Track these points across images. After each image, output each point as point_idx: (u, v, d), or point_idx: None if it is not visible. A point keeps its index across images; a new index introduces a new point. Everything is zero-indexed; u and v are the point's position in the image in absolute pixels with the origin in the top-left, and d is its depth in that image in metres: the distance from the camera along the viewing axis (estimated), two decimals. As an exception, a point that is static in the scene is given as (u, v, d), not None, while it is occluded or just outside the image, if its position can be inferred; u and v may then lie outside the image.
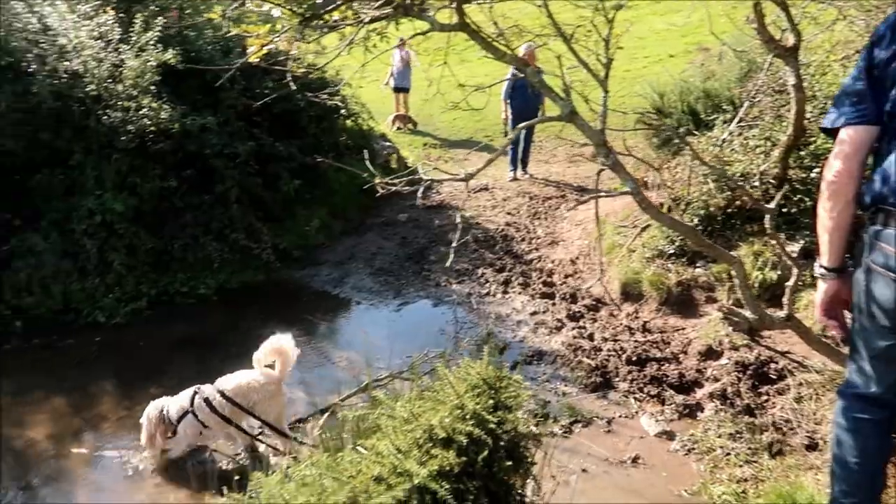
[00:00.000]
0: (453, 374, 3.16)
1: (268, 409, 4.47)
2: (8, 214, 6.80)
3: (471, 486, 2.77)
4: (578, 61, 3.44)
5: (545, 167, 11.02)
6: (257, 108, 8.27)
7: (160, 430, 4.53)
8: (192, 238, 7.38)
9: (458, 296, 7.08)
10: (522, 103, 9.76)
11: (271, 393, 4.47)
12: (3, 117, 6.62)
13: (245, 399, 4.45)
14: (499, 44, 3.38)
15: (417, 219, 9.08)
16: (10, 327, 6.38)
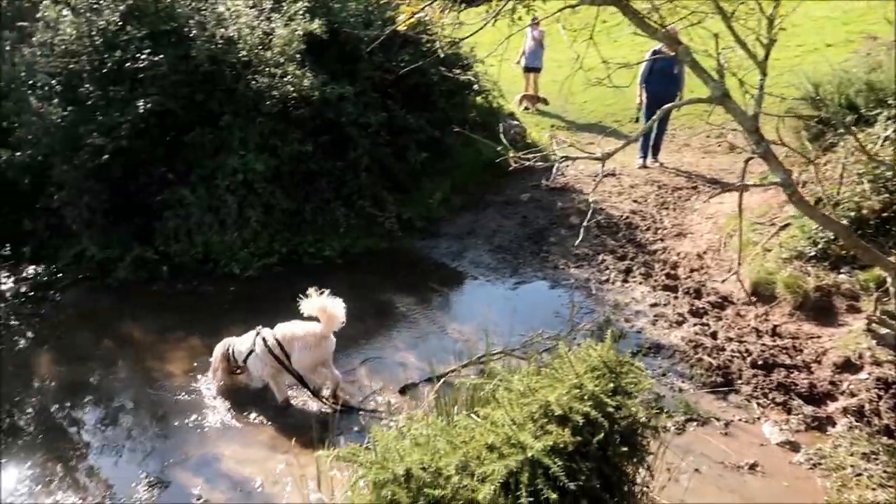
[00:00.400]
0: (573, 354, 3.13)
1: (303, 358, 4.85)
2: (164, 169, 7.39)
3: (583, 467, 2.75)
4: (736, 41, 3.24)
5: (677, 156, 10.56)
6: (392, 80, 8.51)
7: (223, 366, 5.07)
8: (322, 202, 7.72)
9: (575, 280, 6.97)
10: (659, 88, 9.36)
11: (309, 344, 4.82)
12: (165, 78, 7.18)
13: (288, 345, 4.86)
14: (650, 20, 3.25)
15: (539, 200, 8.99)
16: (158, 271, 6.98)
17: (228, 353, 5.05)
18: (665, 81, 9.33)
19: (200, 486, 4.14)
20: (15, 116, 7.07)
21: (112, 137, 6.93)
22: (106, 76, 7.30)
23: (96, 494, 4.04)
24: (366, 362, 5.52)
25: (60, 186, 7.02)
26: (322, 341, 4.86)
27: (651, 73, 9.49)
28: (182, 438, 4.61)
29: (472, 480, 2.72)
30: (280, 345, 4.86)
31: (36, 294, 6.44)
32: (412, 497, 2.68)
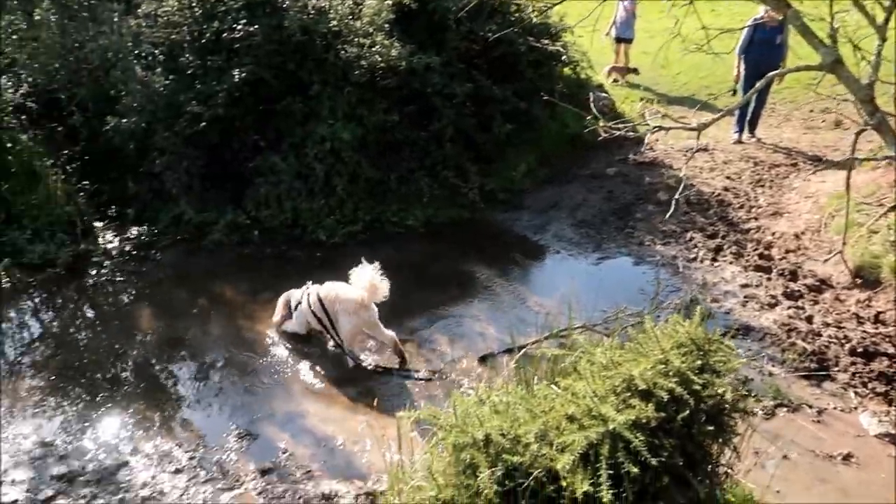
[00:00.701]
0: (659, 329, 3.05)
1: (343, 324, 5.06)
2: (256, 136, 7.64)
3: (666, 443, 2.69)
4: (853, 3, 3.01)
5: (776, 132, 10.00)
6: (479, 51, 8.43)
7: (283, 314, 5.43)
8: (407, 171, 7.78)
9: (662, 257, 6.78)
10: (760, 58, 8.84)
11: (348, 310, 5.00)
12: (259, 48, 7.38)
13: (331, 306, 5.07)
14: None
15: (626, 174, 8.75)
16: (249, 235, 7.25)
17: (288, 303, 5.39)
18: (766, 52, 8.82)
19: (286, 441, 4.33)
20: (122, 85, 7.45)
21: (209, 105, 7.22)
22: (204, 46, 7.59)
23: (191, 442, 4.29)
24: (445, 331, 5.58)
25: (162, 152, 7.38)
26: (362, 310, 4.99)
27: (751, 44, 8.99)
28: (269, 395, 4.82)
29: (551, 450, 2.72)
30: (322, 305, 5.13)
31: (138, 253, 6.84)
32: (490, 462, 2.70)
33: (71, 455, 4.10)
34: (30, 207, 6.71)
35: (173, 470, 4.02)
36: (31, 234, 6.54)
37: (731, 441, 2.99)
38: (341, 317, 5.08)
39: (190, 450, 4.20)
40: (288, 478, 3.98)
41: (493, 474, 2.64)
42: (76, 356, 5.19)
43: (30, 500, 3.72)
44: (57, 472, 3.94)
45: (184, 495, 3.83)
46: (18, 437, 4.22)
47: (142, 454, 4.14)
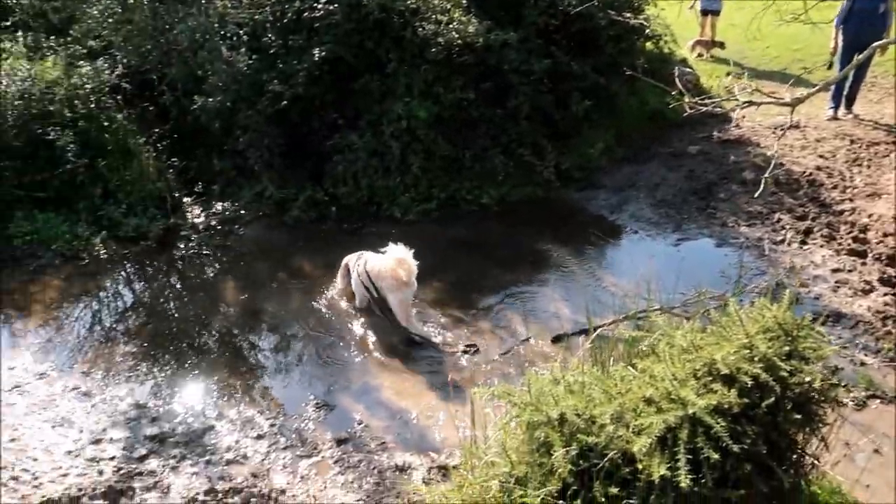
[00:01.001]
0: (744, 313, 2.94)
1: (391, 300, 5.24)
2: (334, 114, 7.77)
3: (749, 430, 2.60)
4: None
5: (876, 108, 9.37)
6: (557, 26, 8.26)
7: (343, 277, 5.69)
8: (481, 149, 7.75)
9: (746, 239, 6.51)
10: (860, 29, 8.29)
11: (392, 287, 5.19)
12: (338, 27, 7.48)
13: (376, 280, 5.28)
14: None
15: (709, 153, 8.41)
16: (327, 212, 7.42)
17: (347, 269, 5.62)
18: (867, 22, 8.25)
19: (361, 412, 4.44)
20: (208, 65, 7.70)
21: (290, 84, 7.38)
22: (286, 26, 7.75)
23: (271, 410, 4.46)
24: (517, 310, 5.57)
25: (245, 130, 7.61)
26: (404, 287, 5.15)
27: (851, 14, 8.44)
28: (345, 367, 4.95)
29: (628, 431, 2.68)
30: (370, 278, 5.29)
31: (223, 228, 7.11)
32: (565, 441, 2.69)
33: (162, 417, 4.33)
34: (124, 183, 7.08)
35: (255, 435, 4.19)
36: (125, 208, 6.91)
37: (818, 431, 2.87)
38: (388, 294, 5.22)
39: (271, 417, 4.37)
40: (363, 448, 4.08)
41: (567, 453, 2.63)
42: (166, 325, 5.48)
43: (125, 458, 3.96)
44: (149, 432, 4.18)
45: (265, 460, 3.99)
46: (115, 399, 4.49)
47: (226, 419, 4.33)
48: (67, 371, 4.79)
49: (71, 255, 6.34)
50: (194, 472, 3.88)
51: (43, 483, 3.77)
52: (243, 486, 3.77)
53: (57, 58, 7.66)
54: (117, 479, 3.80)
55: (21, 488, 3.73)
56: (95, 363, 4.91)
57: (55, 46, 7.94)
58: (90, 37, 8.37)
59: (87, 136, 7.11)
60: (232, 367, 4.98)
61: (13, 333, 5.28)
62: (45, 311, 5.56)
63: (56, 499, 3.67)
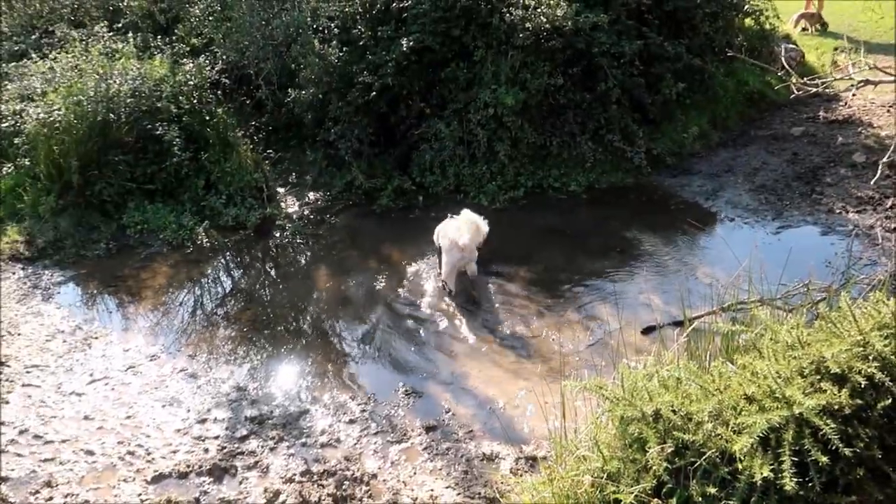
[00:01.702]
0: (858, 307, 2.76)
1: (443, 258, 5.61)
2: (422, 103, 7.84)
3: (862, 433, 2.45)
4: None
5: None
6: (649, 5, 7.98)
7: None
8: (569, 136, 7.62)
9: (855, 227, 6.10)
10: None
11: (447, 249, 5.51)
12: (425, 16, 7.53)
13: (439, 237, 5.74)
14: None
15: (814, 134, 7.93)
16: (414, 200, 7.51)
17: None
18: None
19: (449, 401, 4.49)
20: (301, 59, 7.94)
21: (379, 75, 7.51)
22: (375, 17, 7.87)
23: (363, 396, 4.58)
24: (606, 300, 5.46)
25: (335, 121, 7.81)
26: (456, 250, 5.45)
27: None
28: (433, 355, 5.01)
29: (727, 430, 2.58)
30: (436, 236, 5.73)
31: (315, 217, 7.34)
32: (660, 438, 2.62)
33: (260, 400, 4.54)
34: (224, 175, 7.41)
35: (347, 420, 4.32)
36: (225, 199, 7.25)
37: (941, 437, 2.66)
38: (443, 251, 5.63)
39: (362, 403, 4.49)
40: (451, 436, 4.13)
41: (662, 450, 2.56)
42: (263, 310, 5.72)
43: (228, 437, 4.19)
44: (249, 414, 4.39)
45: (357, 444, 4.11)
46: (217, 381, 4.74)
47: (320, 404, 4.49)
48: (175, 353, 5.09)
49: (177, 243, 6.72)
50: (291, 453, 4.05)
51: (155, 458, 4.03)
52: (337, 469, 3.90)
53: (163, 56, 8.10)
54: (221, 457, 4.02)
55: (136, 462, 4.01)
56: (200, 346, 5.19)
57: (161, 45, 8.40)
58: (193, 35, 8.81)
59: (191, 130, 7.51)
60: (324, 352, 5.15)
61: (126, 317, 5.66)
62: (154, 297, 5.92)
63: (167, 473, 3.92)
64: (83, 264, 6.42)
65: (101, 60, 7.59)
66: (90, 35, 8.41)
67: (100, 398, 4.58)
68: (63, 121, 7.03)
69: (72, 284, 6.15)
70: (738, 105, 8.74)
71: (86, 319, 5.58)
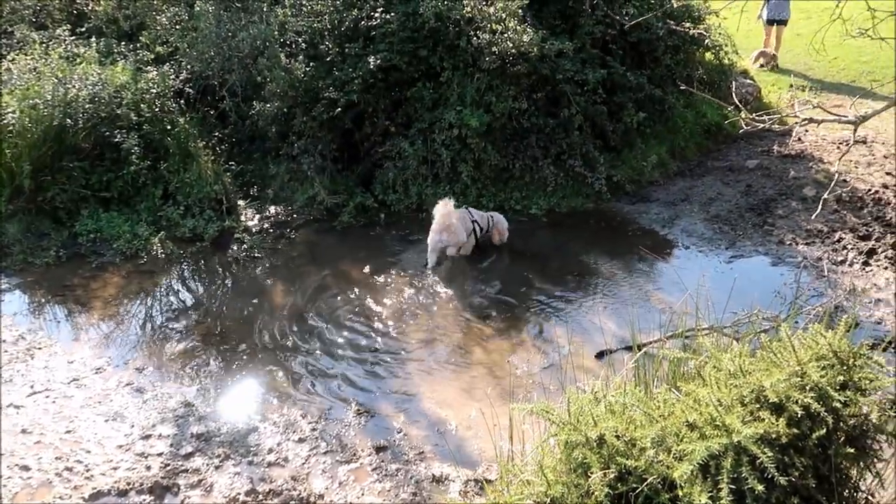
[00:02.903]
0: (797, 338, 2.84)
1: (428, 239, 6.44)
2: (387, 121, 7.86)
3: (798, 462, 2.51)
4: None
5: (950, 124, 8.94)
6: (612, 36, 8.16)
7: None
8: (532, 159, 7.71)
9: (804, 258, 6.29)
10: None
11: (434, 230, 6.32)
12: (394, 35, 7.58)
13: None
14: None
15: (768, 168, 8.17)
16: (376, 218, 7.51)
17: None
18: None
19: (401, 421, 4.46)
20: (267, 72, 7.90)
21: (345, 91, 7.51)
22: (343, 34, 7.89)
23: (314, 414, 4.52)
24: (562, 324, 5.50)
25: (300, 135, 7.77)
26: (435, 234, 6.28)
27: None
28: (387, 374, 4.97)
29: (668, 457, 2.61)
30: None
31: (275, 231, 7.26)
32: (603, 463, 2.64)
33: (208, 417, 4.45)
34: (183, 185, 7.31)
35: (297, 439, 4.25)
36: (183, 210, 7.14)
37: (873, 466, 2.74)
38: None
39: (313, 421, 4.43)
40: (401, 457, 4.10)
41: (605, 476, 2.58)
42: (216, 325, 5.62)
43: (172, 454, 4.08)
44: (196, 431, 4.29)
45: (305, 464, 4.05)
46: (164, 396, 4.63)
47: (270, 421, 4.42)
48: (122, 366, 4.97)
49: (131, 253, 6.58)
50: (237, 472, 3.97)
51: (94, 475, 3.91)
52: (283, 488, 3.84)
53: (126, 63, 7.98)
54: (164, 475, 3.92)
55: (74, 479, 3.88)
56: (148, 360, 5.07)
57: (125, 52, 8.28)
58: (158, 43, 8.70)
59: (151, 139, 7.40)
60: (277, 368, 5.07)
61: (73, 327, 5.51)
62: (104, 307, 5.78)
63: (106, 490, 3.80)
64: (31, 272, 6.24)
65: (60, 64, 7.45)
66: (51, 38, 8.25)
67: (39, 411, 4.44)
68: (17, 124, 6.86)
69: (18, 292, 5.98)
70: (696, 136, 8.97)
71: (30, 329, 5.42)
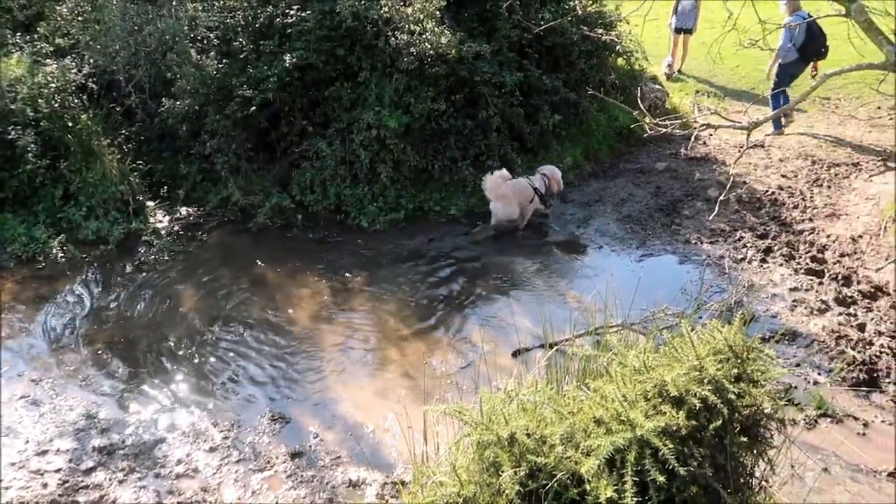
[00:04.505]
0: (696, 334, 2.96)
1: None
2: (304, 121, 7.72)
3: (696, 452, 2.62)
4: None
5: (838, 129, 9.58)
6: (529, 40, 8.31)
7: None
8: (451, 160, 7.74)
9: (708, 256, 6.59)
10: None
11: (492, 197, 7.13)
12: (310, 33, 7.45)
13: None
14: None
15: (676, 170, 8.53)
16: (293, 219, 7.36)
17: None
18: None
19: (317, 426, 4.39)
20: (177, 68, 7.60)
21: (260, 90, 7.32)
22: (258, 31, 7.70)
23: (226, 422, 4.39)
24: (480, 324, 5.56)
25: (212, 134, 7.52)
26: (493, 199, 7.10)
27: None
28: (303, 378, 4.89)
29: (577, 452, 2.68)
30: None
31: (186, 233, 7.01)
32: (514, 461, 2.67)
33: (112, 428, 4.24)
34: (86, 185, 6.93)
35: (208, 448, 4.12)
36: (86, 211, 6.78)
37: (765, 453, 2.90)
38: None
39: (225, 429, 4.30)
40: (316, 463, 4.03)
41: (515, 474, 2.61)
42: (121, 332, 5.37)
43: (71, 470, 3.87)
44: (98, 444, 4.08)
45: (216, 474, 3.92)
46: (64, 409, 4.39)
47: (179, 431, 4.26)
48: (16, 378, 4.67)
49: (27, 257, 6.21)
50: (142, 485, 3.80)
51: (-18, 495, 3.66)
52: (192, 500, 3.71)
53: (22, 55, 7.50)
54: (62, 492, 3.71)
55: (-40, 500, 3.62)
56: (46, 371, 4.80)
57: (21, 43, 7.78)
58: (58, 35, 8.22)
59: (50, 136, 6.99)
60: (187, 376, 4.90)
61: (-38, 338, 5.14)
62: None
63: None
64: (-88, 278, 5.78)
65: (-54, 55, 6.94)
66: (-64, 27, 7.68)
67: (-79, 429, 4.12)
68: None
69: None
70: (609, 139, 9.24)
71: (-89, 340, 5.02)
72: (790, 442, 3.17)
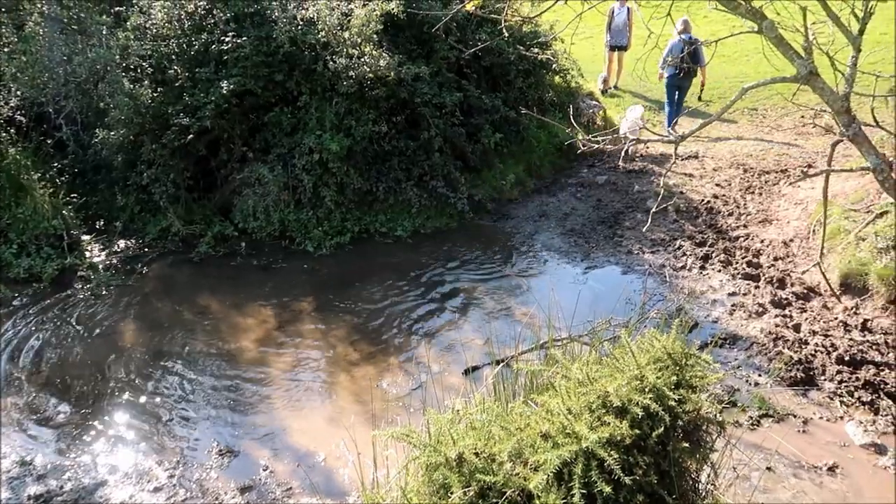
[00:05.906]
0: (636, 343, 3.03)
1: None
2: (244, 147, 7.63)
3: (641, 461, 2.66)
4: (828, 14, 3.01)
5: (767, 138, 9.99)
6: (467, 60, 8.42)
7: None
8: (395, 182, 7.76)
9: (650, 266, 6.76)
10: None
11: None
12: (247, 59, 7.37)
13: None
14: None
15: (616, 182, 8.74)
16: (237, 247, 7.25)
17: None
18: None
19: (267, 457, 4.30)
20: (110, 98, 7.41)
21: (197, 117, 7.20)
22: (193, 58, 7.58)
23: (171, 460, 4.25)
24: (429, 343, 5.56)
25: (149, 164, 7.36)
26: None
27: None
28: (251, 409, 4.79)
29: (525, 469, 2.68)
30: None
31: (125, 266, 6.81)
32: (464, 482, 2.67)
33: (49, 474, 4.06)
34: (16, 221, 6.68)
35: (152, 489, 3.98)
36: (16, 248, 6.52)
37: (708, 457, 2.97)
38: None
39: (170, 468, 4.17)
40: (268, 496, 3.95)
41: (465, 494, 2.61)
42: (58, 372, 5.16)
43: (5, 521, 3.69)
44: (34, 491, 3.90)
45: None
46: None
47: (121, 472, 4.10)
48: (-57, 428, 4.43)
49: (-47, 299, 5.92)
50: (82, 532, 3.64)
51: None
52: (137, 544, 3.57)
53: (-57, 88, 7.22)
54: (-5, 545, 3.52)
55: None
56: (-24, 417, 4.56)
57: (-59, 76, 7.49)
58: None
59: (-25, 172, 6.71)
60: (129, 414, 4.74)
61: None
62: (-80, 363, 5.14)
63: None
64: None
65: None
66: None
67: None
68: None
69: None
70: (550, 155, 9.42)
71: None
72: (732, 444, 3.26)
